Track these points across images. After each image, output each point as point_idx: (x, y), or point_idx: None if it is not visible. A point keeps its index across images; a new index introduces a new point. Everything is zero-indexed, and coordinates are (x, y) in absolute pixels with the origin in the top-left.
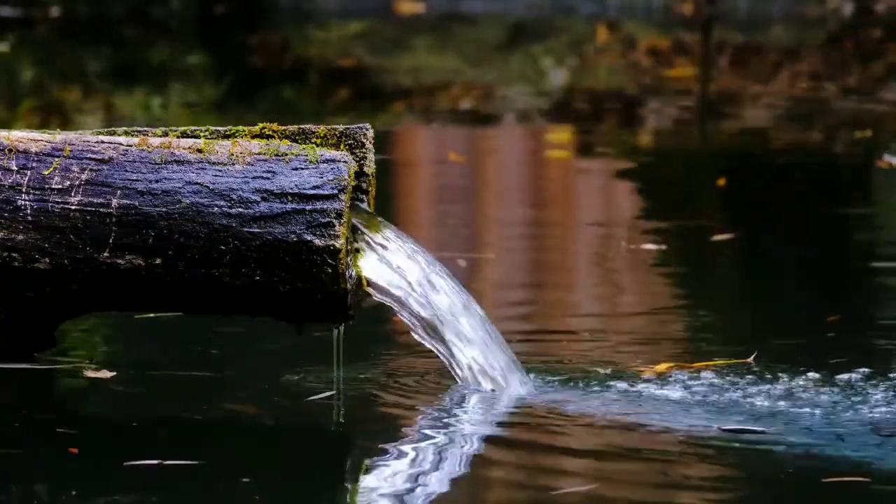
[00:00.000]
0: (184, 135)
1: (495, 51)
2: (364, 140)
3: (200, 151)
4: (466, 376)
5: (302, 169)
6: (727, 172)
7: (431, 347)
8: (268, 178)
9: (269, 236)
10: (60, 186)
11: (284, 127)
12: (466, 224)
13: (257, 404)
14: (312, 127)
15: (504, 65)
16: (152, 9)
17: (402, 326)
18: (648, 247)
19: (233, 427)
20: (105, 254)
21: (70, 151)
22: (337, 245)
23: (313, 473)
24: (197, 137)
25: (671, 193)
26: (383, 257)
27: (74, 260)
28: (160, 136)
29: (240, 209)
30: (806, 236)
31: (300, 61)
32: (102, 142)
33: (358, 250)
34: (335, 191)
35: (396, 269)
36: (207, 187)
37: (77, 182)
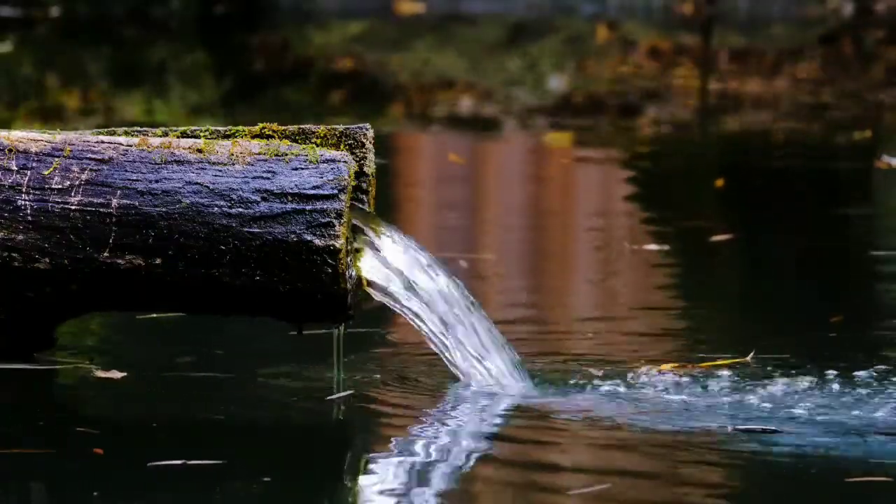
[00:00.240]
0: (184, 135)
1: (495, 51)
2: (364, 140)
3: (200, 151)
4: (467, 375)
5: (302, 169)
6: (727, 173)
7: (432, 346)
8: (268, 178)
9: (269, 236)
10: (60, 186)
11: (284, 127)
12: (466, 224)
13: (273, 404)
14: (312, 127)
15: (504, 65)
16: (152, 9)
17: (403, 326)
18: (649, 247)
19: (253, 427)
20: (105, 254)
21: (70, 151)
22: (337, 245)
23: (313, 473)
24: (197, 137)
25: (671, 194)
26: (383, 257)
27: (74, 260)
28: (160, 136)
29: (240, 209)
30: (806, 236)
31: (300, 61)
32: (102, 142)
33: (358, 250)
34: (335, 191)
35: (396, 269)
36: (207, 187)
37: (77, 182)
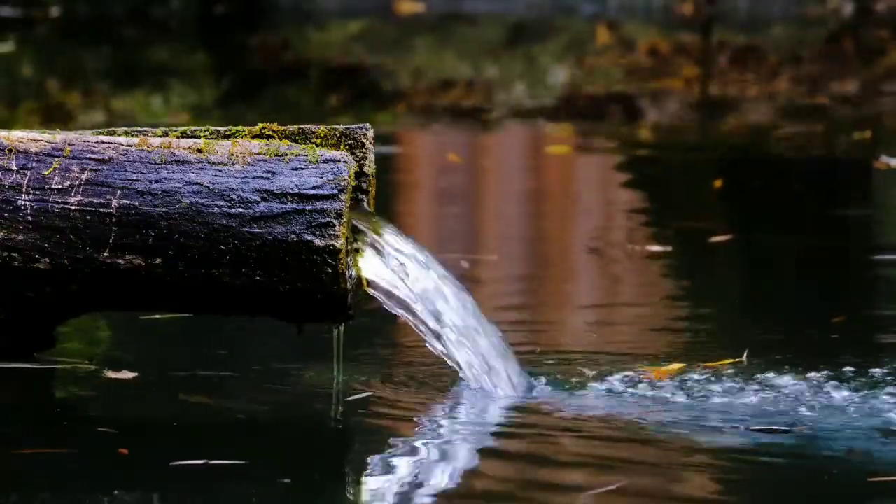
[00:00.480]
0: (184, 135)
1: (495, 51)
2: (364, 140)
3: (200, 151)
4: (468, 375)
5: (302, 169)
6: (726, 173)
7: (432, 346)
8: (268, 178)
9: (269, 236)
10: (60, 186)
11: (284, 127)
12: (467, 225)
13: (287, 404)
14: (312, 127)
15: (504, 65)
16: (152, 9)
17: (403, 326)
18: (650, 248)
19: (268, 427)
20: (105, 254)
21: (70, 151)
22: (337, 245)
23: (312, 473)
24: (197, 137)
25: (671, 194)
26: (383, 257)
27: (74, 260)
28: (160, 136)
29: (240, 209)
30: (805, 237)
31: (300, 61)
32: (102, 142)
33: (358, 250)
34: (335, 191)
35: (396, 269)
36: (207, 187)
37: (77, 182)
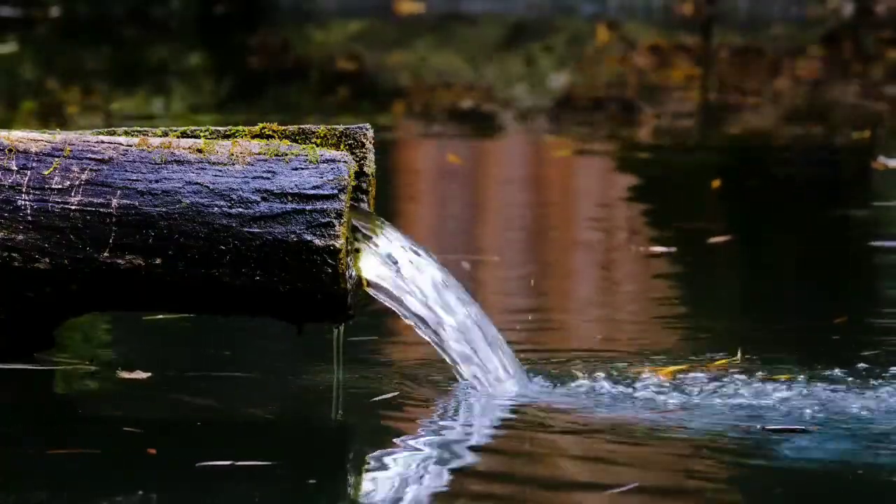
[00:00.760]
0: (184, 135)
1: (495, 51)
2: (364, 140)
3: (200, 151)
4: (467, 375)
5: (302, 169)
6: (726, 173)
7: (432, 346)
8: (268, 178)
9: (269, 236)
10: (60, 186)
11: (284, 127)
12: (467, 225)
13: (304, 403)
14: (312, 127)
15: (504, 65)
16: (152, 9)
17: (403, 326)
18: (650, 249)
19: (285, 427)
20: (105, 254)
21: (70, 151)
22: (337, 245)
23: (312, 473)
24: (197, 137)
25: (671, 194)
26: (383, 257)
27: (74, 260)
28: (160, 136)
29: (240, 209)
30: (805, 237)
31: (300, 61)
32: (102, 142)
33: (358, 250)
34: (335, 191)
35: (396, 269)
36: (207, 187)
37: (77, 182)
